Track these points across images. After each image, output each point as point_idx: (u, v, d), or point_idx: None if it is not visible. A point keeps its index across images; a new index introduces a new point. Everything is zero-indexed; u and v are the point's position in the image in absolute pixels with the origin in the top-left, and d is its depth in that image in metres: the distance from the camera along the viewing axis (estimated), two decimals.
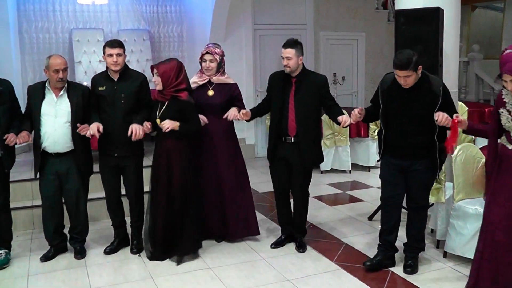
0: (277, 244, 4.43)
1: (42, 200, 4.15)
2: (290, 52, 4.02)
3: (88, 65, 7.07)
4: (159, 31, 7.86)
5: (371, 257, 4.02)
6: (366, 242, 4.50)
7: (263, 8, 8.24)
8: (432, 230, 4.58)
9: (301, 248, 4.35)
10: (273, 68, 8.23)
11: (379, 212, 5.11)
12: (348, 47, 8.87)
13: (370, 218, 5.14)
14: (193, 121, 4.04)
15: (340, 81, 8.38)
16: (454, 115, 3.35)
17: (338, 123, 3.99)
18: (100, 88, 4.10)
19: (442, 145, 3.64)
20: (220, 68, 4.33)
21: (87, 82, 5.21)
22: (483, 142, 4.73)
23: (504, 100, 3.22)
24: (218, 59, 4.27)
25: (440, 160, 3.70)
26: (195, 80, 4.36)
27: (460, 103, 5.39)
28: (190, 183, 4.09)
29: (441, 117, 3.37)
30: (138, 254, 4.25)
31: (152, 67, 4.07)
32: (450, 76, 4.75)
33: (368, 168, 7.21)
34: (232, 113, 4.23)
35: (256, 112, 4.37)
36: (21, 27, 7.03)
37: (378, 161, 4.10)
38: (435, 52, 4.36)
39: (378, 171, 7.10)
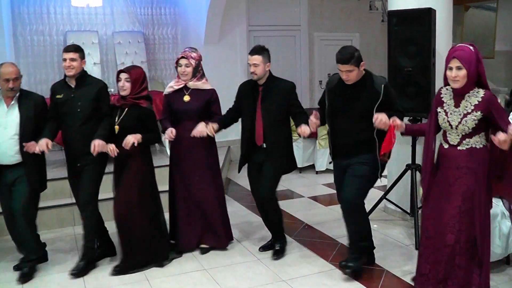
0: (265, 248, 4.38)
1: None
2: (257, 59, 3.99)
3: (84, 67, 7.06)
4: (154, 33, 7.89)
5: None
6: None
7: (257, 9, 8.26)
8: None
9: (275, 254, 4.22)
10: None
11: (375, 211, 5.15)
12: None
13: None
14: (154, 130, 3.99)
15: None
16: (391, 119, 3.36)
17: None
18: (58, 96, 3.96)
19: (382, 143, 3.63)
20: (197, 73, 4.22)
21: None
22: None
23: (443, 99, 3.27)
24: (193, 63, 4.16)
25: (381, 160, 3.67)
26: (171, 85, 4.28)
27: None
28: (145, 192, 3.97)
29: (378, 120, 3.36)
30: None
31: (119, 72, 3.97)
32: (443, 76, 4.77)
33: None
34: (199, 129, 4.03)
35: (222, 124, 4.20)
36: (16, 30, 7.04)
37: (330, 163, 4.10)
38: (428, 52, 4.38)
39: None
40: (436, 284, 3.26)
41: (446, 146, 3.27)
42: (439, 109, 3.26)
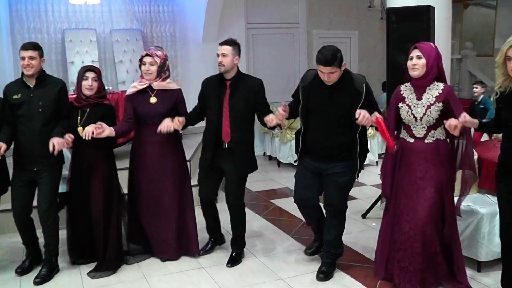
0: (205, 252, 4.26)
1: None
2: (226, 49, 3.82)
3: (81, 66, 7.02)
4: (152, 31, 7.85)
5: (365, 254, 4.11)
6: (360, 240, 4.50)
7: (256, 7, 8.25)
8: None
9: (230, 263, 4.07)
10: (267, 67, 8.27)
11: (373, 210, 5.15)
12: (341, 46, 8.78)
13: (364, 215, 5.16)
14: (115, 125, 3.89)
15: None
16: (375, 115, 3.26)
17: (265, 125, 3.76)
18: (14, 97, 3.73)
19: (364, 144, 3.60)
20: (162, 72, 3.99)
21: None
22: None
23: (403, 95, 3.39)
24: (158, 62, 3.93)
25: (360, 160, 3.61)
26: (134, 84, 4.05)
27: None
28: (113, 194, 3.94)
29: (361, 116, 3.23)
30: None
31: (85, 71, 3.84)
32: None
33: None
34: (165, 124, 3.79)
35: (188, 121, 3.98)
36: (13, 28, 7.01)
37: (295, 161, 4.05)
38: None
39: (372, 169, 7.21)
40: (419, 274, 3.36)
41: (411, 140, 3.37)
42: (400, 105, 3.38)
